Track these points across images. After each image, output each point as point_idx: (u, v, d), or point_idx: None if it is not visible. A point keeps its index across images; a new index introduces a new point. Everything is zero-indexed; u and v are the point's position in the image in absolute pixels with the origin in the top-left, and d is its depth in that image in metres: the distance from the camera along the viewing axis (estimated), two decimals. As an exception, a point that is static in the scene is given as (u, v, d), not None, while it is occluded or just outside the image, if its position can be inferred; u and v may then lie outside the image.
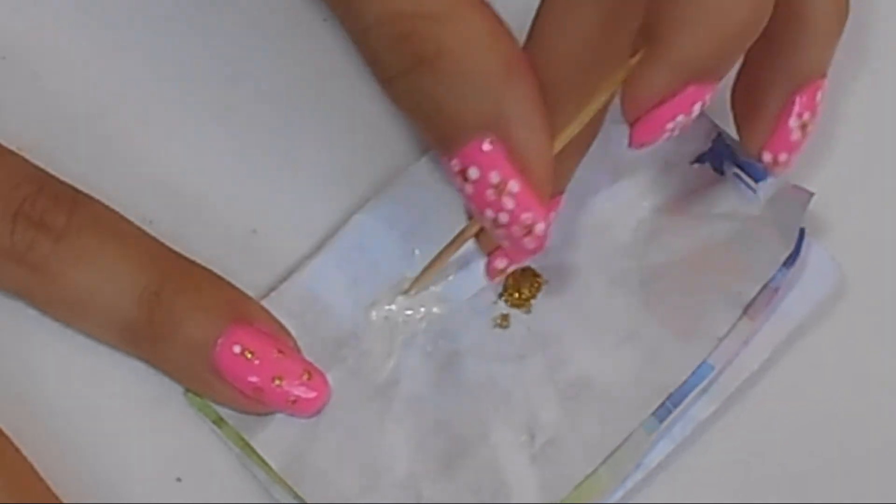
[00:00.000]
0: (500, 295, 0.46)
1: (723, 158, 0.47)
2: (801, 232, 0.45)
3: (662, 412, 0.44)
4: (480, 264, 0.46)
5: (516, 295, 0.46)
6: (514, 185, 0.40)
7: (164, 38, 0.48)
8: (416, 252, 0.46)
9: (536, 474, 0.44)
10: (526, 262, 0.46)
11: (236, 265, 0.45)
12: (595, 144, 0.47)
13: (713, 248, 0.47)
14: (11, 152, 0.45)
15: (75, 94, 0.47)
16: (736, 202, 0.47)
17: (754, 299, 0.45)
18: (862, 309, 0.47)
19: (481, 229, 0.43)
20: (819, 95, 0.45)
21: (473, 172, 0.40)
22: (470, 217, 0.44)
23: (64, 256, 0.43)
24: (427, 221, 0.46)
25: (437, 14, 0.39)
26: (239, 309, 0.44)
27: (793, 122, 0.44)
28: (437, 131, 0.40)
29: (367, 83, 0.47)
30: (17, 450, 0.42)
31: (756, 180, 0.47)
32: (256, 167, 0.47)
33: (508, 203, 0.40)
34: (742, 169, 0.47)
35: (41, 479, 0.42)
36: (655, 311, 0.46)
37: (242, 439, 0.44)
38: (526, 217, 0.40)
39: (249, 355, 0.43)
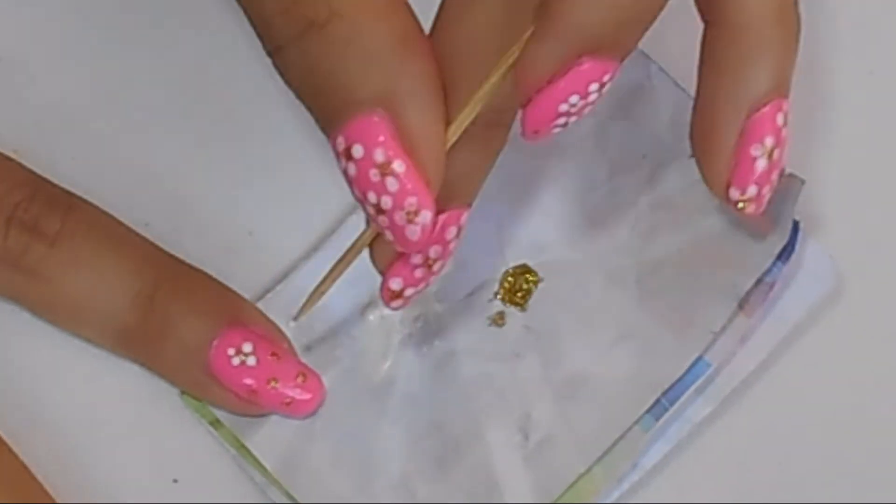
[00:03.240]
0: (496, 293, 0.46)
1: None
2: (796, 225, 0.45)
3: (658, 409, 0.44)
4: (477, 263, 0.46)
5: (512, 292, 0.46)
6: (399, 166, 0.37)
7: (160, 41, 0.48)
8: (411, 255, 0.46)
9: (530, 474, 0.44)
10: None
11: (232, 267, 0.45)
12: (591, 141, 0.47)
13: (708, 241, 0.46)
14: (5, 156, 0.45)
15: (71, 97, 0.47)
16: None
17: (749, 293, 0.45)
18: (859, 308, 0.46)
19: (375, 241, 0.41)
20: (780, 118, 0.41)
21: (357, 150, 0.38)
22: (367, 223, 0.41)
23: (58, 261, 0.43)
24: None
25: None
26: (233, 311, 0.44)
27: (755, 150, 0.41)
28: (324, 104, 0.38)
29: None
30: (12, 451, 0.43)
31: None
32: (252, 169, 0.47)
33: (392, 185, 0.38)
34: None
35: (36, 481, 0.43)
36: (651, 307, 0.46)
37: (238, 441, 0.44)
38: (410, 202, 0.38)
39: (244, 358, 0.43)
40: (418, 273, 0.42)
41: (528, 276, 0.47)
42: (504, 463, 0.44)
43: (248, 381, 0.43)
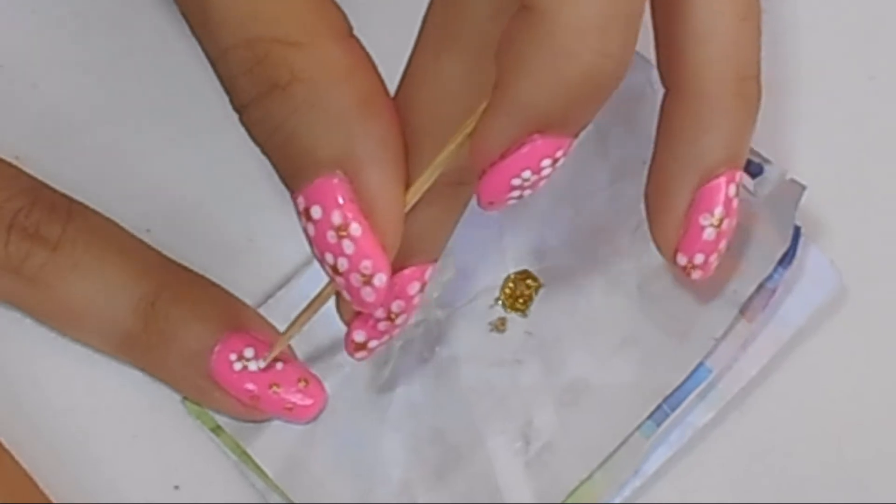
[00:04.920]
0: (498, 299, 0.46)
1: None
2: (797, 230, 0.45)
3: (659, 415, 0.44)
4: (478, 269, 0.46)
5: (513, 298, 0.46)
6: (355, 229, 0.38)
7: (161, 47, 0.48)
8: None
9: (531, 480, 0.44)
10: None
11: (233, 273, 0.45)
12: (591, 146, 0.47)
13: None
14: (6, 163, 0.45)
15: (73, 103, 0.47)
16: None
17: (751, 298, 0.45)
18: (861, 313, 0.46)
19: (339, 293, 0.40)
20: (732, 189, 0.42)
21: (316, 211, 0.38)
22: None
23: (59, 267, 0.43)
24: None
25: (294, 41, 0.37)
26: (235, 317, 0.44)
27: (704, 219, 0.42)
28: (286, 164, 0.38)
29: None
30: (14, 458, 0.43)
31: (752, 176, 0.46)
32: (253, 175, 0.47)
33: (349, 247, 0.38)
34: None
35: (37, 488, 0.43)
36: (652, 313, 0.46)
37: (239, 447, 0.44)
38: (365, 265, 0.38)
39: (246, 363, 0.43)
40: (381, 326, 0.42)
41: (529, 281, 0.47)
42: (505, 469, 0.44)
43: (250, 386, 0.43)
